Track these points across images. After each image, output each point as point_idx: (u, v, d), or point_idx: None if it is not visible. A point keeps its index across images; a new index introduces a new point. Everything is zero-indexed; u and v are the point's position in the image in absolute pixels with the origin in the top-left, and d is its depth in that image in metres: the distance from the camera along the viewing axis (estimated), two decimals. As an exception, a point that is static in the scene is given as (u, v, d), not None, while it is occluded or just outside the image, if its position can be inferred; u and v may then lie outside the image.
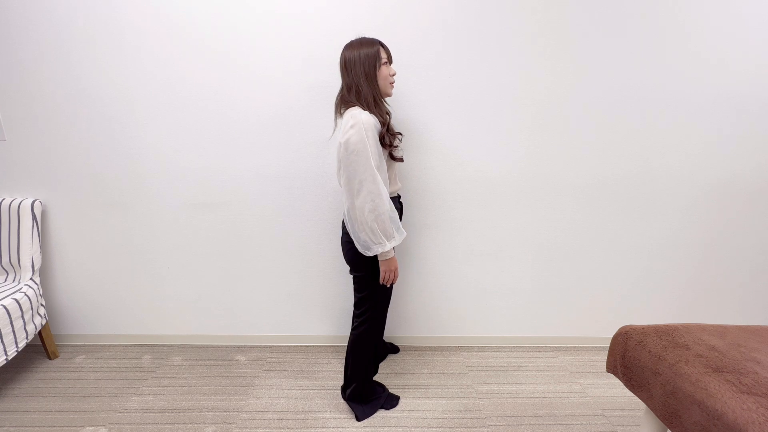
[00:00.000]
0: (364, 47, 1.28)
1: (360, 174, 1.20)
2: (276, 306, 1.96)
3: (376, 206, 1.21)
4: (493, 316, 1.98)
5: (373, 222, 1.22)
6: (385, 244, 1.26)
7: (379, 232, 1.24)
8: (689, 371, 0.93)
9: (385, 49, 1.32)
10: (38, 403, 1.59)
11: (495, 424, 1.51)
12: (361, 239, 1.26)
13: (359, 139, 1.19)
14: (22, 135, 1.72)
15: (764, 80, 1.69)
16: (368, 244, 1.26)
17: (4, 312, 1.55)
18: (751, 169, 1.80)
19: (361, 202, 1.21)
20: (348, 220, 1.28)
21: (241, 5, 1.58)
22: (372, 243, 1.26)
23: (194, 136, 1.72)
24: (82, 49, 1.62)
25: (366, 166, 1.19)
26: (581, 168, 1.77)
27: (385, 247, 1.27)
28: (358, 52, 1.28)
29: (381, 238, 1.25)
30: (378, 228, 1.24)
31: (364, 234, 1.25)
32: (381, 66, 1.29)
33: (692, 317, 1.98)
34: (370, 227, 1.23)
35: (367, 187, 1.20)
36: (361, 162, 1.19)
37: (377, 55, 1.28)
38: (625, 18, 1.60)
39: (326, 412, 1.55)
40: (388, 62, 1.32)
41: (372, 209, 1.21)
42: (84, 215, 1.82)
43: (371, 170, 1.20)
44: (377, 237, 1.25)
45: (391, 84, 1.35)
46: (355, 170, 1.20)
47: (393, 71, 1.35)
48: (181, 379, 1.76)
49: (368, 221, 1.22)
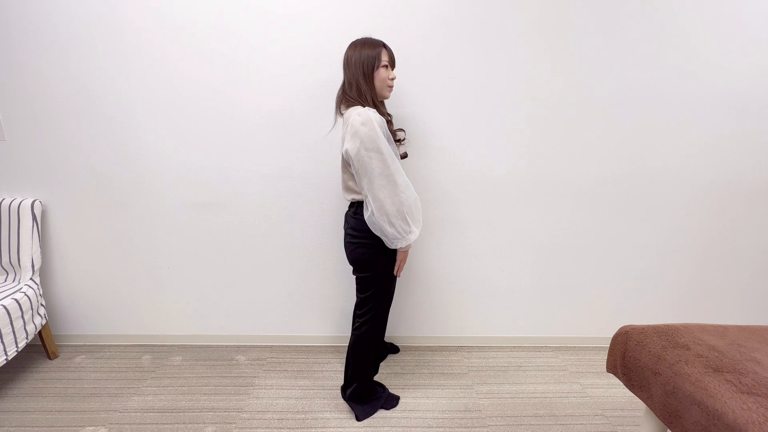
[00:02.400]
0: (366, 48, 1.29)
1: (383, 169, 1.22)
2: (276, 306, 1.96)
3: (406, 197, 1.26)
4: (493, 316, 1.98)
5: (399, 216, 1.26)
6: (416, 231, 1.31)
7: (410, 221, 1.29)
8: (689, 371, 0.93)
9: (388, 51, 1.32)
10: (38, 403, 1.59)
11: (495, 424, 1.51)
12: (389, 233, 1.28)
13: (375, 137, 1.20)
14: (22, 135, 1.72)
15: (764, 80, 1.69)
16: (395, 236, 1.28)
17: (4, 312, 1.55)
18: (751, 169, 1.80)
19: (386, 196, 1.23)
20: (373, 218, 1.27)
21: (241, 5, 1.58)
22: (398, 236, 1.28)
23: (194, 136, 1.72)
24: (82, 49, 1.62)
25: (387, 161, 1.22)
26: (581, 168, 1.77)
27: (416, 235, 1.32)
28: (360, 53, 1.29)
29: (411, 227, 1.30)
30: (403, 221, 1.27)
31: (392, 228, 1.26)
32: (380, 68, 1.30)
33: (692, 317, 1.98)
34: (398, 221, 1.26)
35: (388, 181, 1.23)
36: (378, 157, 1.21)
37: (377, 57, 1.29)
38: (625, 18, 1.60)
39: (326, 412, 1.55)
40: (389, 66, 1.32)
41: (401, 202, 1.25)
42: (84, 215, 1.82)
43: (392, 164, 1.23)
44: (407, 227, 1.29)
45: (389, 87, 1.35)
46: (377, 167, 1.22)
47: (392, 75, 1.34)
48: (181, 379, 1.76)
49: (396, 213, 1.25)
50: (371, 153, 1.21)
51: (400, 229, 1.27)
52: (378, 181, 1.22)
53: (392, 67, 1.35)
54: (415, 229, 1.32)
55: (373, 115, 1.23)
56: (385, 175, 1.22)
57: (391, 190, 1.23)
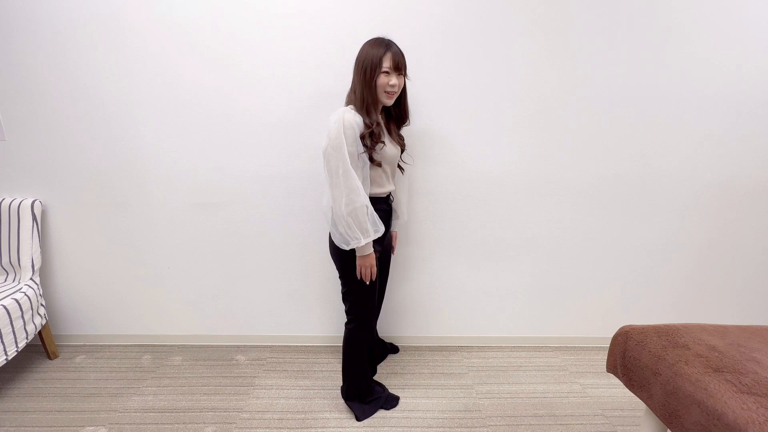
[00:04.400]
0: (372, 49, 1.27)
1: (337, 168, 1.23)
2: (276, 306, 1.96)
3: (351, 201, 1.24)
4: (493, 316, 1.98)
5: (348, 216, 1.25)
6: (360, 239, 1.28)
7: (355, 227, 1.27)
8: (689, 371, 0.93)
9: (393, 55, 1.27)
10: (38, 403, 1.59)
11: (495, 424, 1.51)
12: (339, 232, 1.29)
13: (337, 135, 1.22)
14: (22, 135, 1.72)
15: (764, 80, 1.69)
16: (345, 238, 1.29)
17: (4, 312, 1.55)
18: (751, 169, 1.80)
19: (338, 196, 1.25)
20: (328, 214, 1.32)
21: (241, 6, 1.58)
22: (348, 237, 1.28)
23: (194, 136, 1.72)
24: (82, 49, 1.62)
25: (342, 162, 1.23)
26: (581, 168, 1.77)
27: (360, 242, 1.28)
28: (365, 53, 1.28)
29: (356, 233, 1.28)
30: (353, 222, 1.26)
31: (341, 227, 1.27)
32: (380, 74, 1.26)
33: (692, 317, 1.98)
34: (346, 221, 1.26)
35: (342, 181, 1.23)
36: (338, 157, 1.23)
37: (378, 64, 1.25)
38: (625, 18, 1.60)
39: (326, 412, 1.55)
40: (391, 71, 1.27)
41: (347, 203, 1.24)
42: (84, 215, 1.82)
43: (346, 165, 1.23)
44: (353, 231, 1.27)
45: (388, 93, 1.30)
46: (333, 165, 1.24)
47: (393, 81, 1.28)
48: (181, 379, 1.76)
49: (344, 215, 1.25)
50: (332, 151, 1.23)
51: (344, 231, 1.27)
52: (334, 179, 1.25)
53: (397, 71, 1.29)
54: (362, 237, 1.27)
55: (347, 115, 1.24)
56: (339, 174, 1.23)
57: (340, 190, 1.24)
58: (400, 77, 1.32)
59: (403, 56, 1.30)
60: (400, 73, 1.31)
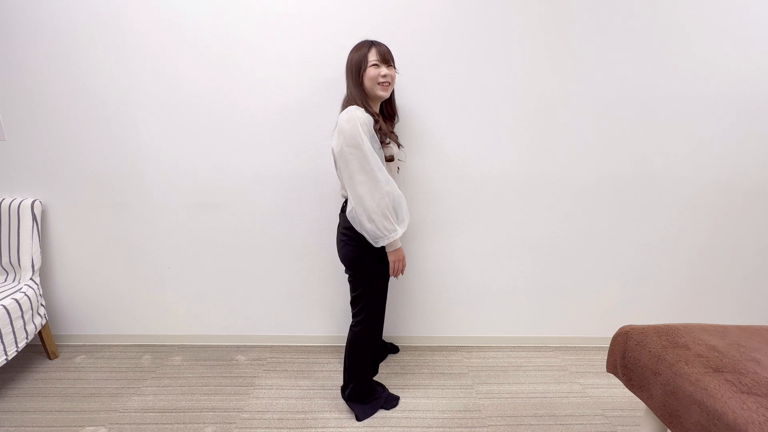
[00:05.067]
0: (355, 51, 1.32)
1: (363, 166, 1.22)
2: (276, 306, 1.96)
3: (382, 196, 1.24)
4: (493, 316, 1.98)
5: (384, 208, 1.25)
6: (398, 229, 1.29)
7: (391, 218, 1.27)
8: (689, 371, 0.93)
9: (378, 50, 1.30)
10: (38, 403, 1.59)
11: (495, 424, 1.51)
12: (369, 229, 1.27)
13: (356, 134, 1.21)
14: (22, 135, 1.72)
15: (764, 80, 1.69)
16: (376, 234, 1.28)
17: (4, 312, 1.55)
18: (750, 169, 1.80)
19: (367, 191, 1.23)
20: (353, 214, 1.29)
21: (240, 6, 1.58)
22: (385, 230, 1.27)
23: (194, 136, 1.72)
24: (82, 49, 1.62)
25: (367, 159, 1.22)
26: (581, 168, 1.77)
27: (398, 233, 1.29)
28: (351, 57, 1.33)
29: (393, 224, 1.28)
30: (389, 213, 1.26)
31: (377, 221, 1.25)
32: (368, 68, 1.30)
33: (692, 317, 1.98)
34: (383, 213, 1.25)
35: (370, 177, 1.23)
36: (361, 155, 1.21)
37: (364, 58, 1.30)
38: (625, 18, 1.60)
39: (326, 412, 1.55)
40: (379, 64, 1.30)
41: (382, 196, 1.24)
42: (84, 215, 1.82)
43: (372, 161, 1.22)
44: (390, 223, 1.27)
45: (381, 85, 1.31)
46: (357, 163, 1.22)
47: (384, 72, 1.30)
48: (181, 379, 1.76)
49: (380, 207, 1.24)
50: (352, 149, 1.22)
51: (380, 226, 1.26)
52: (358, 177, 1.23)
53: (386, 63, 1.31)
54: (399, 227, 1.30)
55: (359, 113, 1.24)
56: (365, 171, 1.22)
57: (371, 186, 1.23)
58: (390, 68, 1.34)
59: (389, 50, 1.34)
60: (389, 65, 1.33)
